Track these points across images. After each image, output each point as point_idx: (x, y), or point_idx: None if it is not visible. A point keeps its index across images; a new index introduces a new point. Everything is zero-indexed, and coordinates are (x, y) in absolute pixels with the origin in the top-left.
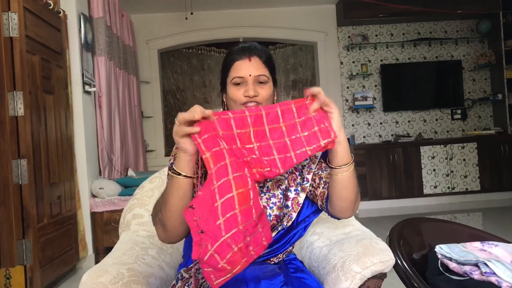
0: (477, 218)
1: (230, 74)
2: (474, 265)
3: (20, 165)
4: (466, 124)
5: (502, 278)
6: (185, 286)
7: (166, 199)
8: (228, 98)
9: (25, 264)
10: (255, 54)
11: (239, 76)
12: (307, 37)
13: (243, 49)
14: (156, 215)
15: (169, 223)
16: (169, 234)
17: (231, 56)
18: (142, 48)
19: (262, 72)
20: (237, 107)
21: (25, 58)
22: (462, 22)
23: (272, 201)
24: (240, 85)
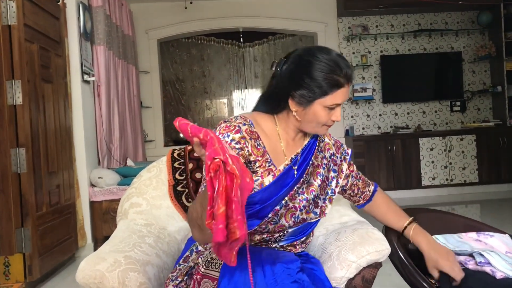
0: (475, 209)
1: (329, 98)
2: (469, 255)
3: (19, 153)
4: (465, 116)
5: (496, 268)
6: (199, 258)
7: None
8: (309, 115)
9: (24, 252)
10: (352, 78)
11: (338, 103)
12: (307, 28)
13: (347, 72)
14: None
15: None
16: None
17: (337, 77)
18: (141, 37)
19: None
20: (314, 126)
21: (24, 46)
22: (462, 14)
23: (304, 204)
24: (331, 110)
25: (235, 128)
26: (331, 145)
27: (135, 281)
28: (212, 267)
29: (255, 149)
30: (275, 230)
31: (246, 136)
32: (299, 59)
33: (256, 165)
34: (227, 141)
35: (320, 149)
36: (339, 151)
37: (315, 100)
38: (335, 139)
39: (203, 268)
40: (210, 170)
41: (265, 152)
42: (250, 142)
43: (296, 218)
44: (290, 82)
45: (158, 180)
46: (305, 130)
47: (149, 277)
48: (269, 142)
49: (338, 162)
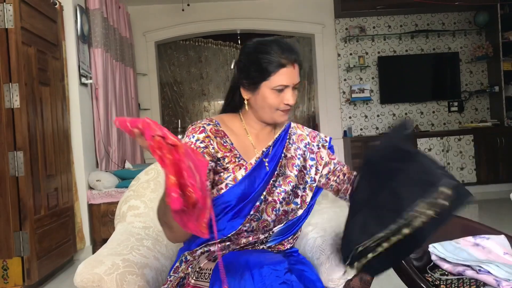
0: (473, 210)
1: (273, 79)
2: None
3: (17, 157)
4: (463, 117)
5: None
6: (188, 268)
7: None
8: (258, 100)
9: (22, 255)
10: (298, 58)
11: (284, 84)
12: (305, 29)
13: (287, 52)
14: (161, 218)
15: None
16: (176, 234)
17: (275, 58)
18: (139, 40)
19: (299, 80)
20: (268, 111)
21: (21, 49)
22: (459, 14)
23: (283, 196)
24: (279, 92)
25: (199, 128)
26: (305, 135)
27: (133, 284)
28: (202, 278)
29: (222, 146)
30: (259, 227)
31: (211, 135)
32: (244, 50)
33: (225, 162)
34: (193, 142)
35: (292, 141)
36: (315, 139)
37: (261, 83)
38: (310, 130)
39: (193, 279)
40: (155, 150)
41: (232, 148)
42: (215, 140)
43: (277, 211)
44: (239, 72)
45: (156, 183)
46: (263, 119)
47: (147, 280)
48: (236, 138)
49: (315, 150)
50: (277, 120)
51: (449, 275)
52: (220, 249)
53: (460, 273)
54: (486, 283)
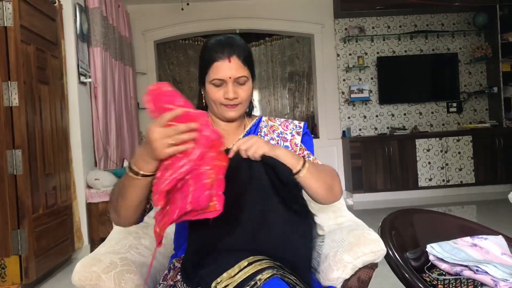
0: (472, 210)
1: (209, 74)
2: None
3: (15, 155)
4: (461, 117)
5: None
6: (177, 275)
7: (124, 194)
8: (206, 96)
9: (20, 254)
10: (235, 53)
11: (219, 78)
12: (304, 29)
13: (221, 47)
14: (112, 202)
15: (123, 213)
16: (121, 220)
17: (209, 53)
18: (138, 39)
19: (242, 74)
20: (216, 107)
21: (20, 48)
22: (459, 15)
23: None
24: (219, 86)
25: None
26: (277, 125)
27: (131, 283)
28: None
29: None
30: None
31: None
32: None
33: None
34: None
35: (264, 133)
36: (287, 128)
37: (205, 79)
38: (283, 119)
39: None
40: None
41: None
42: None
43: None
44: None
45: None
46: (215, 115)
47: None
48: None
49: (288, 138)
50: (225, 116)
51: (447, 275)
52: None
53: (458, 273)
54: (484, 283)
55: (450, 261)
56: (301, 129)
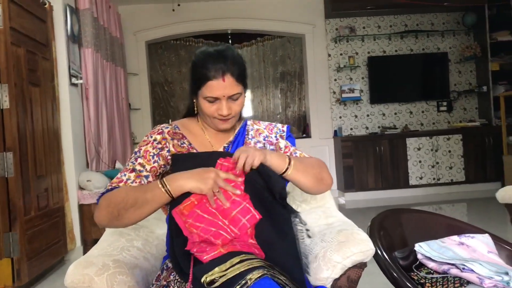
0: (462, 208)
1: (203, 91)
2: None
3: (6, 158)
4: (451, 116)
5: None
6: (170, 276)
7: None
8: (199, 106)
9: (12, 256)
10: (229, 71)
11: (213, 96)
12: (295, 29)
13: (215, 64)
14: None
15: (126, 222)
16: (116, 225)
17: (203, 71)
18: (129, 39)
19: (235, 91)
20: (209, 119)
21: (10, 50)
22: (448, 15)
23: None
24: (213, 103)
25: (158, 130)
26: (262, 129)
27: (123, 284)
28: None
29: (179, 147)
30: None
31: (168, 137)
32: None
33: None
34: (150, 141)
35: (251, 136)
36: (272, 131)
37: (198, 93)
38: (267, 123)
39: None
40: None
41: (190, 148)
42: (171, 142)
43: None
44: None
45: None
46: (208, 124)
47: (137, 280)
48: (195, 138)
49: (274, 141)
50: (218, 127)
51: (435, 273)
52: None
53: (445, 272)
54: (470, 281)
55: (437, 260)
56: (284, 132)
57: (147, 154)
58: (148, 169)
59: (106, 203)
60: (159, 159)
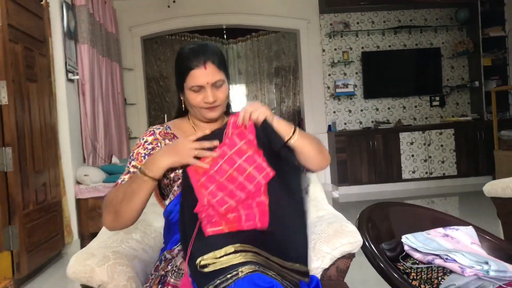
0: (454, 202)
1: (187, 81)
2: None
3: (5, 153)
4: (444, 111)
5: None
6: (168, 266)
7: (132, 199)
8: (186, 101)
9: (12, 249)
10: (209, 59)
11: (197, 85)
12: (290, 25)
13: (196, 55)
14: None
15: (127, 216)
16: (119, 223)
17: (186, 62)
18: (125, 35)
19: (218, 78)
20: (197, 110)
21: (8, 47)
22: (441, 10)
23: None
24: (198, 92)
25: (150, 132)
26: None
27: (123, 275)
28: (180, 277)
29: None
30: None
31: (159, 137)
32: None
33: None
34: (142, 143)
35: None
36: None
37: (183, 86)
38: None
39: (172, 278)
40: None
41: None
42: (163, 142)
43: None
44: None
45: None
46: (197, 117)
47: (137, 271)
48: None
49: None
50: (206, 117)
51: (420, 263)
52: None
53: (430, 262)
54: (452, 270)
55: (423, 251)
56: None
57: (139, 156)
58: None
59: (105, 205)
60: None
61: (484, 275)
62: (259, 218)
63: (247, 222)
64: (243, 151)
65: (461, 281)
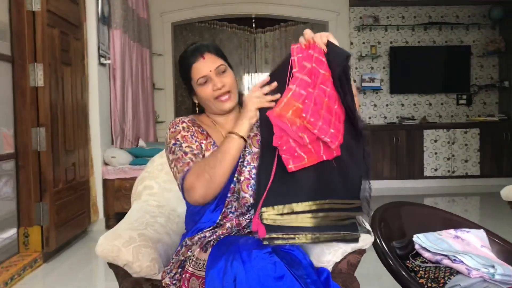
0: (475, 202)
1: (193, 77)
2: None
3: (39, 133)
4: (470, 110)
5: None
6: (188, 251)
7: (225, 158)
8: (200, 99)
9: (42, 224)
10: (205, 50)
11: (202, 76)
12: (319, 16)
13: (193, 51)
14: (202, 175)
15: (219, 180)
16: (212, 189)
17: (185, 61)
18: (156, 20)
19: (219, 63)
20: (212, 104)
21: (46, 31)
22: (474, 8)
23: (254, 172)
24: (206, 84)
25: (180, 121)
26: None
27: (147, 256)
28: (198, 267)
29: (200, 134)
30: (241, 205)
31: (190, 125)
32: None
33: (202, 149)
34: (180, 130)
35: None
36: None
37: (192, 84)
38: None
39: (190, 267)
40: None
41: (208, 135)
42: (194, 128)
43: (252, 186)
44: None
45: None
46: (214, 112)
47: (160, 253)
48: (209, 129)
49: None
50: (222, 108)
51: (429, 263)
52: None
53: (438, 262)
54: (459, 271)
55: (432, 251)
56: None
57: (186, 138)
58: (195, 148)
59: (195, 176)
60: (196, 138)
61: (489, 278)
62: (336, 147)
63: (326, 152)
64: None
65: (467, 282)
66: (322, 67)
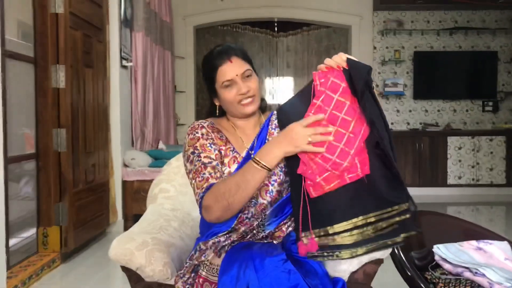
0: (500, 211)
1: (218, 79)
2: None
3: (60, 134)
4: (497, 117)
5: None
6: (202, 256)
7: (247, 188)
8: (222, 101)
9: (61, 225)
10: (233, 54)
11: (227, 79)
12: (342, 20)
13: (220, 53)
14: (221, 200)
15: (237, 207)
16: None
17: (211, 62)
18: (178, 23)
19: (246, 68)
20: (234, 108)
21: (69, 34)
22: (502, 12)
23: (273, 178)
24: (230, 87)
25: (199, 126)
26: None
27: (160, 260)
28: (211, 272)
29: (219, 140)
30: (257, 211)
31: (209, 130)
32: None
33: (222, 154)
34: (199, 136)
35: (275, 125)
36: None
37: (215, 87)
38: None
39: (204, 272)
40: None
41: (227, 141)
42: (213, 134)
43: (271, 192)
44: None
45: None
46: (236, 115)
47: (173, 257)
48: (228, 134)
49: None
50: (245, 112)
51: (449, 275)
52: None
53: (459, 274)
54: (481, 285)
55: (453, 262)
56: None
57: (205, 147)
58: (214, 157)
59: (214, 199)
60: (215, 146)
61: None
62: (361, 167)
63: (350, 175)
64: (341, 104)
65: None
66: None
